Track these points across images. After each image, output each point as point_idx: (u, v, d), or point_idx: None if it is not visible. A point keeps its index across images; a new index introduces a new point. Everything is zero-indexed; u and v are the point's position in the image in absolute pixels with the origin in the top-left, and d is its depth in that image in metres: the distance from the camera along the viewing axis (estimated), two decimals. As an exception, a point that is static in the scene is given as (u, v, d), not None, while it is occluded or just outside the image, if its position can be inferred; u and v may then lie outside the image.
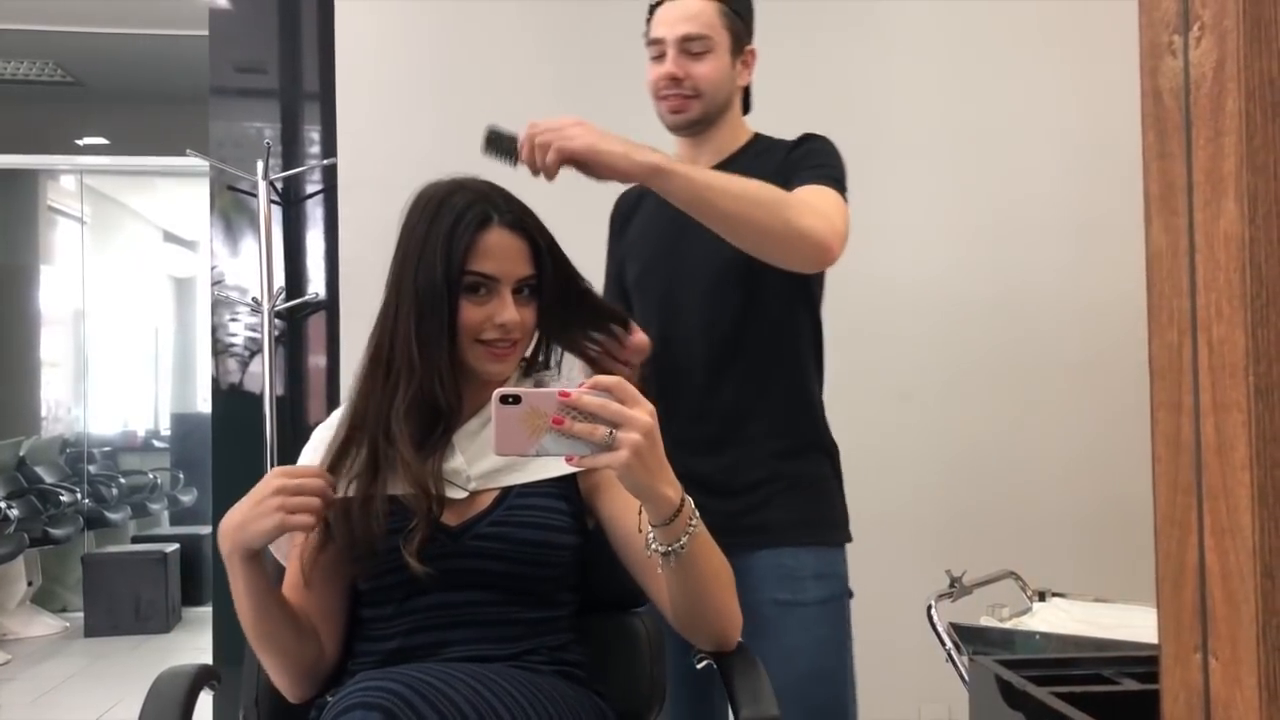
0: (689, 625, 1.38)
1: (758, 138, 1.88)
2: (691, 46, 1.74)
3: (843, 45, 2.80)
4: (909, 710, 2.66)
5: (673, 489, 1.19)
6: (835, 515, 1.83)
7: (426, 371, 1.36)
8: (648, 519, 1.22)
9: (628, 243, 1.92)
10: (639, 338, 1.59)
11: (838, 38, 2.81)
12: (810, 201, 1.65)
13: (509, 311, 1.37)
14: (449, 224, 1.36)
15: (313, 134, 3.20)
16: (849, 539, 1.84)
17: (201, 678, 1.41)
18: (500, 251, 1.38)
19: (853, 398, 2.68)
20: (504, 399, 1.12)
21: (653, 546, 1.23)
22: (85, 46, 5.41)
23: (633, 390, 1.14)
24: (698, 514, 1.23)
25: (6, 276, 7.39)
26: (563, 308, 1.45)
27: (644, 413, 1.13)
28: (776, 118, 2.67)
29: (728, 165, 1.82)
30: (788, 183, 1.68)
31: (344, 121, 2.79)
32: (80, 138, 6.77)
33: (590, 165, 1.53)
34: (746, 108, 1.92)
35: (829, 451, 1.85)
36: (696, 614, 1.34)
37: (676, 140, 1.85)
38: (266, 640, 1.35)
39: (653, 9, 1.80)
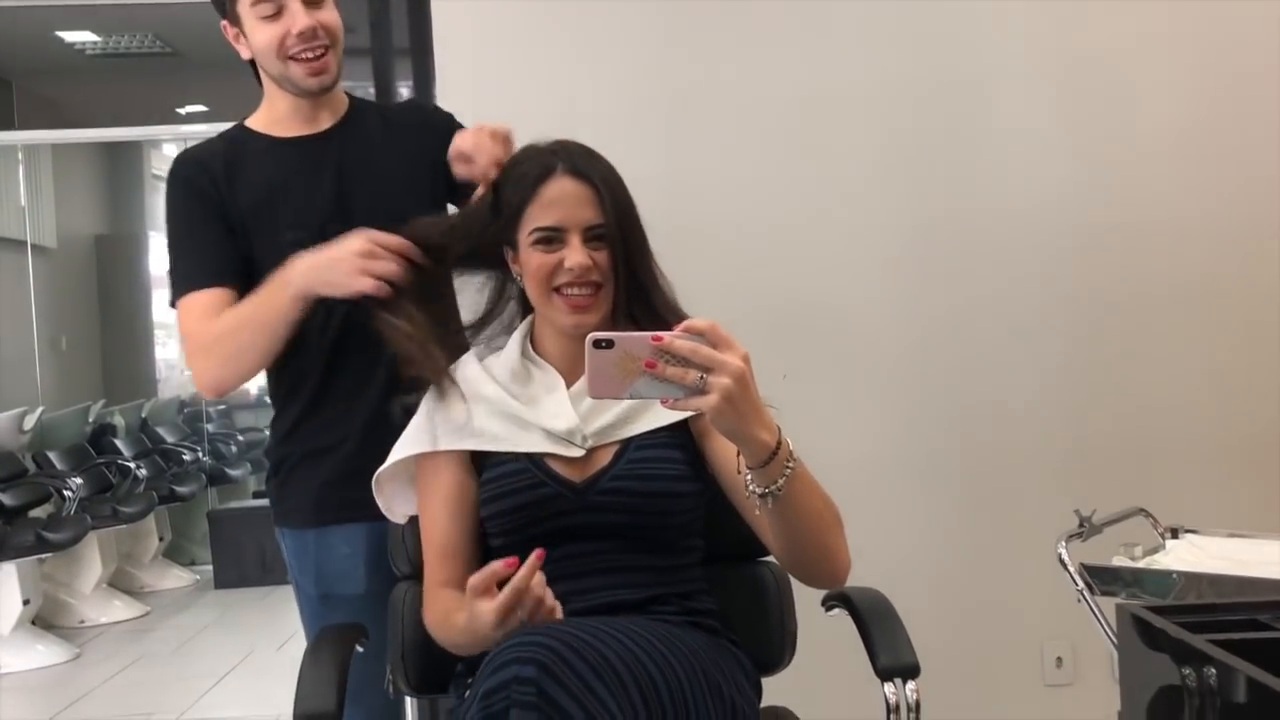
0: (796, 565, 1.38)
1: (351, 97, 1.79)
2: None
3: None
4: (1032, 649, 2.65)
5: (767, 432, 1.17)
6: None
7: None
8: (744, 461, 1.21)
9: (252, 205, 1.69)
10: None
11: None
12: None
13: (576, 254, 1.38)
14: (513, 184, 1.44)
15: (404, 91, 3.21)
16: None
17: (353, 636, 1.47)
18: (562, 199, 1.40)
19: (969, 335, 2.64)
20: (597, 343, 1.12)
21: (750, 488, 1.22)
22: (182, 17, 5.51)
23: (725, 334, 1.13)
24: (796, 456, 1.21)
25: (118, 245, 7.64)
26: (631, 268, 1.44)
27: (736, 357, 1.12)
28: (890, 46, 2.60)
29: (347, 127, 1.74)
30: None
31: (438, 78, 2.79)
32: (181, 106, 6.92)
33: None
34: None
35: None
36: (801, 554, 1.34)
37: (290, 103, 1.71)
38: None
39: None
